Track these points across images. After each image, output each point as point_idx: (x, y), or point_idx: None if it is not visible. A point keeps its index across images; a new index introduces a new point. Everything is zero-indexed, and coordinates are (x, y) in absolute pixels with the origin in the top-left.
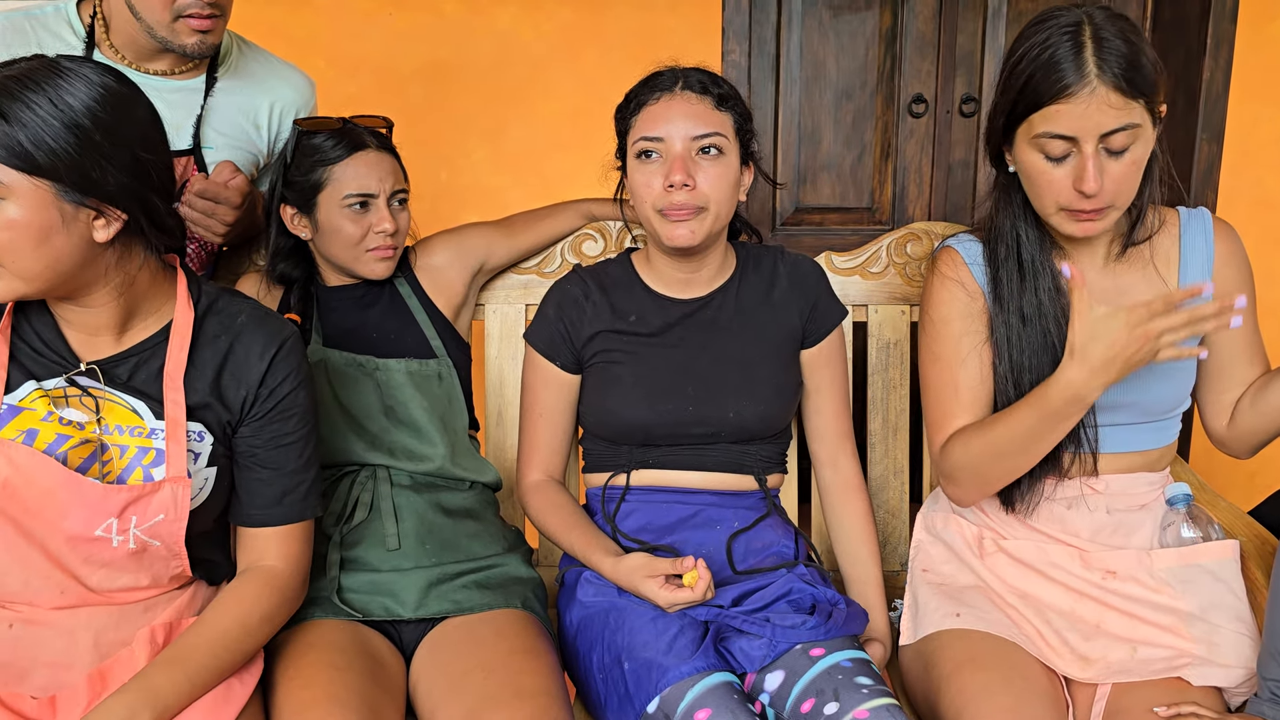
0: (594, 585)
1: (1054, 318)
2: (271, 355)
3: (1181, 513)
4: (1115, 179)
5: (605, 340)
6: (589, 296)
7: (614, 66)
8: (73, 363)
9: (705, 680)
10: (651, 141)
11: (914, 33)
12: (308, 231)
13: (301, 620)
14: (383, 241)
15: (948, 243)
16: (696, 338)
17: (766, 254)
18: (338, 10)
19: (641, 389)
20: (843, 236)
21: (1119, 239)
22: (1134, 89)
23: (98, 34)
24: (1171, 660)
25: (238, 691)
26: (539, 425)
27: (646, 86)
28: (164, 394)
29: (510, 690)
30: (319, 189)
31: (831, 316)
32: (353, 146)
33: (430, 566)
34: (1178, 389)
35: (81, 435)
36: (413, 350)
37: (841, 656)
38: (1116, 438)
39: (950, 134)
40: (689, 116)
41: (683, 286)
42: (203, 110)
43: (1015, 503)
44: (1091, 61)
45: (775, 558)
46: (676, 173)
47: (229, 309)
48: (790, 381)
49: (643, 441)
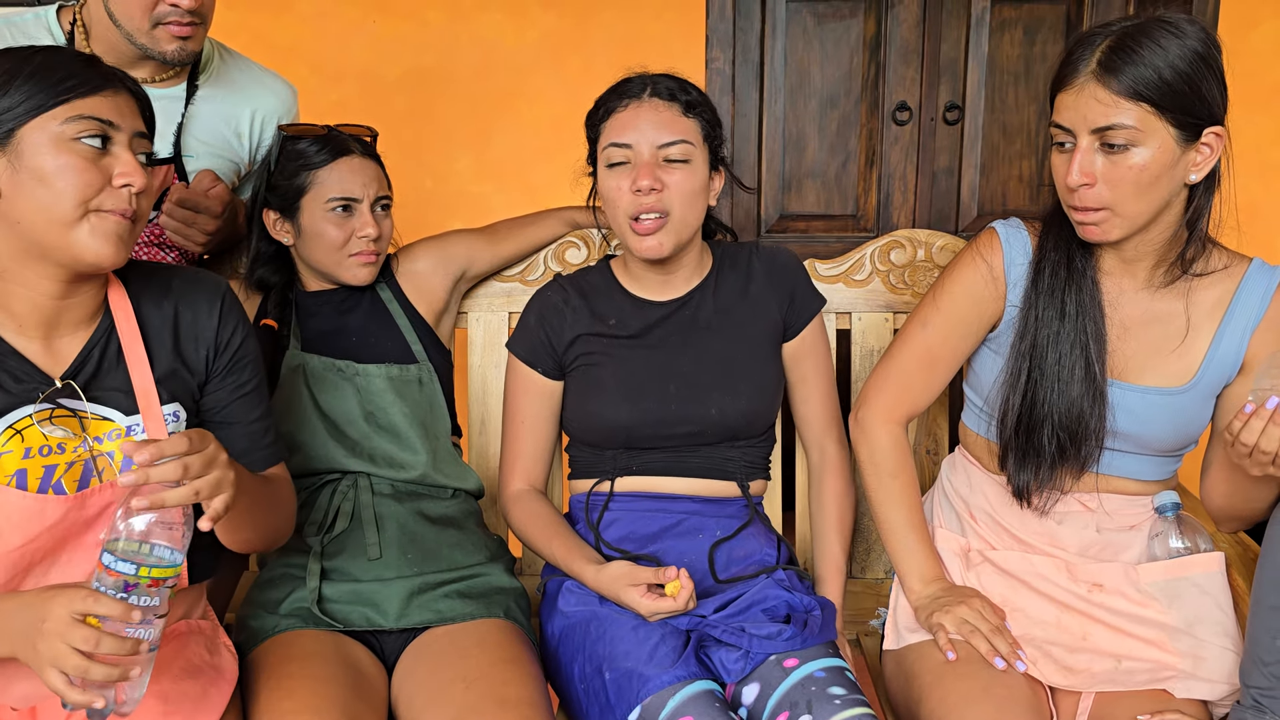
0: (575, 595)
1: (1091, 318)
2: (219, 309)
3: (1170, 521)
4: (1109, 180)
5: (586, 344)
6: (569, 303)
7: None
8: (40, 380)
9: (686, 689)
10: (620, 149)
11: (898, 40)
12: (290, 236)
13: (282, 631)
14: (365, 246)
15: (995, 225)
16: (676, 338)
17: (741, 250)
18: (321, 18)
19: (623, 390)
20: (827, 244)
21: (1164, 264)
22: (1126, 89)
23: (78, 41)
24: (1155, 673)
25: (214, 699)
26: (521, 434)
27: (615, 93)
28: (129, 367)
29: (493, 701)
30: (302, 193)
31: (810, 305)
32: (337, 152)
33: (412, 576)
34: (1190, 433)
35: (67, 458)
36: (393, 355)
37: (815, 666)
38: (1120, 463)
39: (934, 141)
40: (656, 125)
41: (660, 289)
42: (183, 118)
43: (1031, 497)
44: (1095, 57)
45: (757, 566)
46: (643, 178)
47: (157, 276)
48: (772, 376)
49: (626, 444)
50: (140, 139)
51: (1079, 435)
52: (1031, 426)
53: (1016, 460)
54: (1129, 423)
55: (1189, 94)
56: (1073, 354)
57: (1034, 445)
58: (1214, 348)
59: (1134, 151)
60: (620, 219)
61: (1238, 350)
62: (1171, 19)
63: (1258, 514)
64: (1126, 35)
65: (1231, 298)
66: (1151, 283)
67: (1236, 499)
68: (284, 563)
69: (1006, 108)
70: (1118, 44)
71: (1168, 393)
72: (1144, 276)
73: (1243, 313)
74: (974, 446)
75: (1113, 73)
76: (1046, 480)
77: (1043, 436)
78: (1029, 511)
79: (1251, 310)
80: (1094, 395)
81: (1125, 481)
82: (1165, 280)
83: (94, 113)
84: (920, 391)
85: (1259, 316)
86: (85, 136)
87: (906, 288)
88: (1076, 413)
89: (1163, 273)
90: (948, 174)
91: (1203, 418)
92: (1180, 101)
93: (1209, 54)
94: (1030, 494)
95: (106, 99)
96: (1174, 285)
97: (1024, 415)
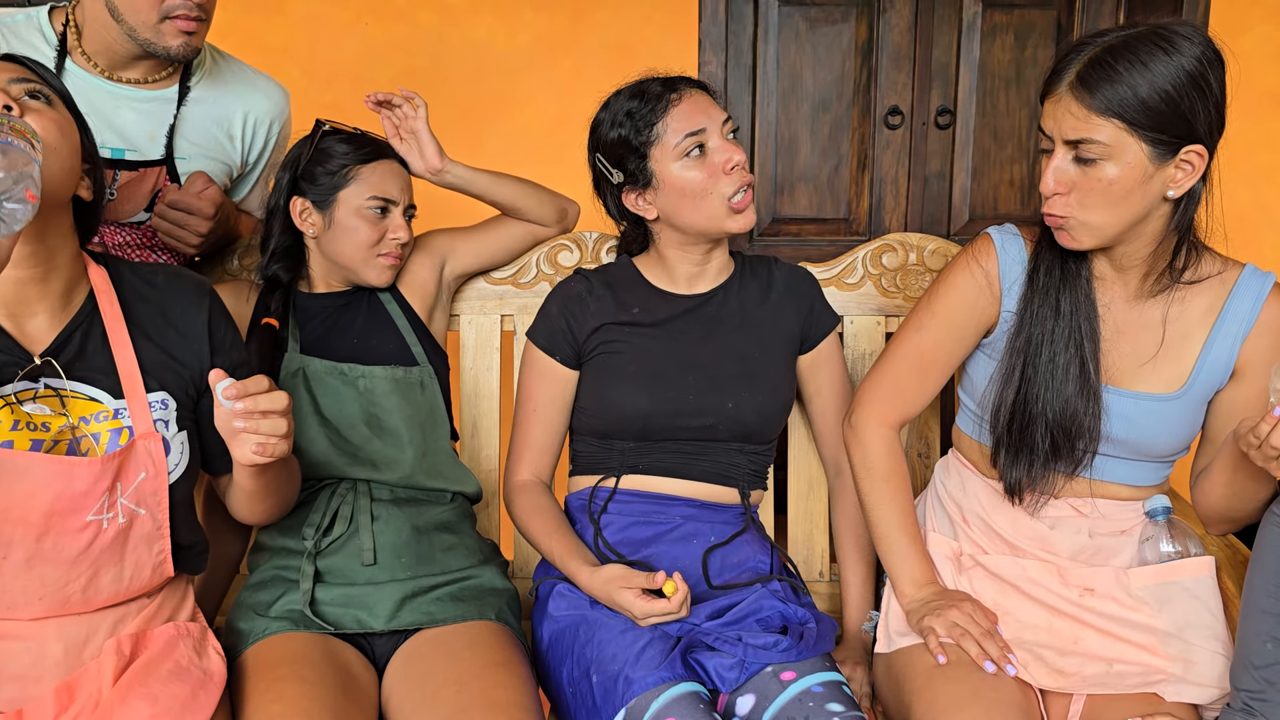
0: (566, 599)
1: (1085, 317)
2: (208, 307)
3: (1161, 525)
4: (1079, 190)
5: (608, 333)
6: (592, 292)
7: (590, 77)
8: (20, 356)
9: (671, 690)
10: (695, 136)
11: (890, 45)
12: (315, 227)
13: (272, 633)
14: (394, 249)
15: (990, 230)
16: (698, 330)
17: (761, 261)
18: (313, 20)
19: (643, 377)
20: (819, 247)
21: (1154, 273)
22: (1099, 105)
23: (70, 42)
24: (1146, 676)
25: (203, 701)
26: (533, 422)
27: (653, 96)
28: (113, 350)
29: (483, 703)
30: (342, 187)
31: (827, 321)
32: (379, 153)
33: (405, 580)
34: (1183, 439)
35: (52, 435)
36: (395, 358)
37: (813, 681)
38: (1112, 469)
39: (926, 145)
40: (708, 102)
41: (689, 282)
42: (175, 120)
43: (1024, 494)
44: (1075, 69)
45: (751, 573)
46: (734, 152)
47: (140, 270)
48: (787, 380)
49: (640, 434)
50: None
51: (1073, 433)
52: (1025, 423)
53: (1009, 456)
54: (1122, 428)
55: (1167, 113)
56: (1067, 352)
57: (1027, 442)
58: (1205, 354)
59: (1104, 165)
60: (716, 206)
61: (1229, 356)
62: (1169, 31)
63: (1253, 514)
64: (1111, 49)
65: (1223, 304)
66: (1143, 290)
67: (1236, 500)
68: (274, 565)
69: (998, 112)
70: (1098, 58)
71: (1160, 399)
72: (1135, 284)
73: (1234, 319)
74: (968, 450)
75: (1087, 88)
76: (1039, 478)
77: (1035, 434)
78: (1021, 514)
79: (1243, 317)
80: (1088, 394)
81: (1118, 487)
82: (1157, 288)
83: None
84: (914, 395)
85: (1251, 323)
86: None
87: (898, 291)
88: (1070, 410)
89: (1154, 281)
90: (939, 178)
91: (1195, 424)
92: (1156, 120)
93: (1200, 71)
94: (1022, 491)
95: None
96: (1166, 292)
97: (1017, 411)
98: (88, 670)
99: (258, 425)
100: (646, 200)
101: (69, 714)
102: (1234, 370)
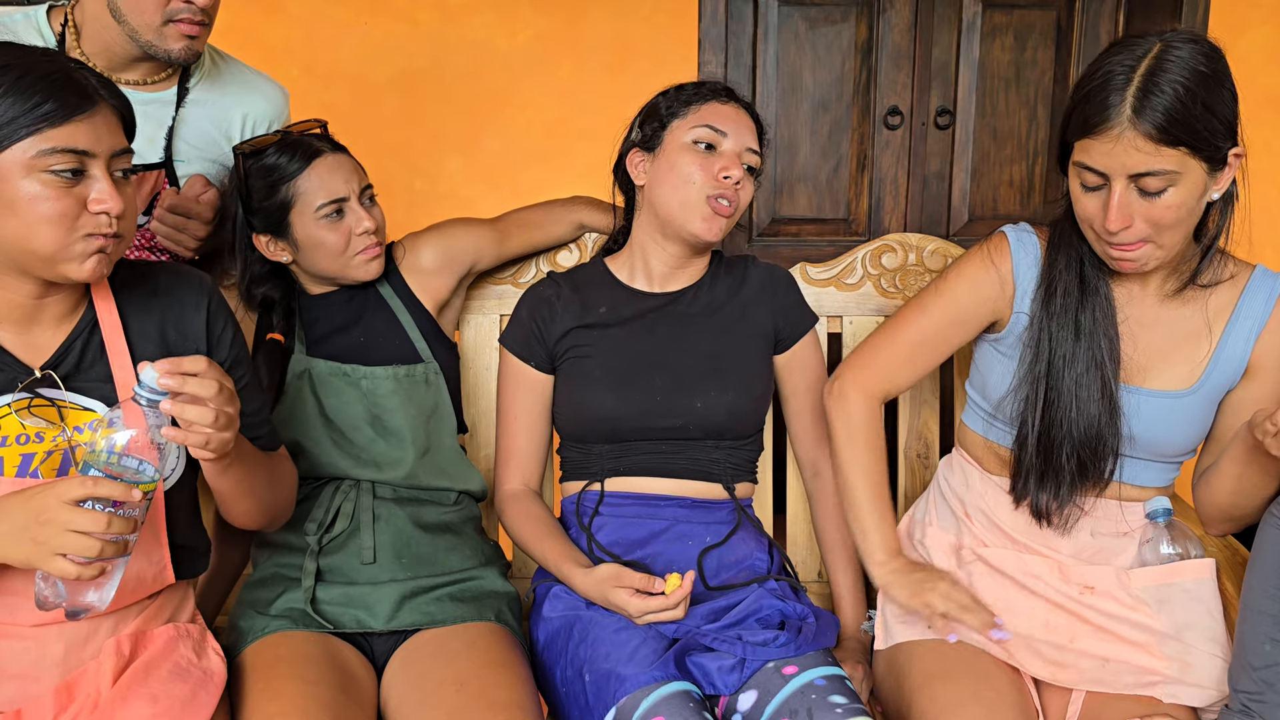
0: (561, 600)
1: (1106, 334)
2: (206, 306)
3: (1161, 527)
4: (1149, 219)
5: (576, 336)
6: (560, 296)
7: (589, 77)
8: (19, 370)
9: (662, 689)
10: (717, 133)
11: (889, 45)
12: (288, 254)
13: (272, 631)
14: (367, 242)
15: (1005, 229)
16: (666, 330)
17: (737, 260)
18: (312, 19)
19: (610, 379)
20: (819, 248)
21: (1174, 276)
22: (1168, 137)
23: (68, 41)
24: (1142, 676)
25: (203, 700)
26: (515, 430)
27: (712, 90)
28: (109, 359)
29: (482, 703)
30: (287, 208)
31: (804, 321)
32: (308, 156)
33: (405, 580)
34: (1194, 437)
35: (45, 446)
36: (399, 356)
37: (815, 674)
38: (1128, 470)
39: (925, 146)
40: (748, 129)
41: (662, 280)
42: (174, 122)
43: (1051, 516)
44: (1129, 103)
45: (748, 572)
46: (735, 168)
47: (139, 270)
48: (760, 377)
49: (612, 437)
50: (119, 157)
51: (1098, 452)
52: (1050, 448)
53: (1036, 481)
54: (1137, 426)
55: (1217, 126)
56: (1089, 373)
57: (1053, 466)
58: (1219, 352)
59: (1170, 191)
60: (694, 195)
61: (1243, 354)
62: (1179, 43)
63: (1256, 512)
64: (1153, 77)
65: (1236, 304)
66: (1163, 290)
67: (1242, 496)
68: (276, 563)
69: (997, 113)
70: (1149, 88)
71: (1173, 395)
72: (1155, 284)
73: (1247, 318)
74: (973, 447)
75: (1152, 122)
76: (1066, 500)
77: (1061, 456)
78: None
79: (1256, 316)
80: (1110, 410)
81: (1129, 488)
82: (1175, 288)
83: (68, 143)
84: (904, 373)
85: (1263, 322)
86: (58, 168)
87: (898, 292)
88: (1095, 430)
89: (1174, 283)
90: (939, 178)
91: (1205, 422)
92: (1210, 137)
93: (1222, 70)
94: (1050, 514)
95: (82, 124)
96: (1185, 293)
97: (1043, 436)
98: (87, 670)
99: (183, 410)
100: (644, 165)
101: (68, 714)
102: (1246, 368)
